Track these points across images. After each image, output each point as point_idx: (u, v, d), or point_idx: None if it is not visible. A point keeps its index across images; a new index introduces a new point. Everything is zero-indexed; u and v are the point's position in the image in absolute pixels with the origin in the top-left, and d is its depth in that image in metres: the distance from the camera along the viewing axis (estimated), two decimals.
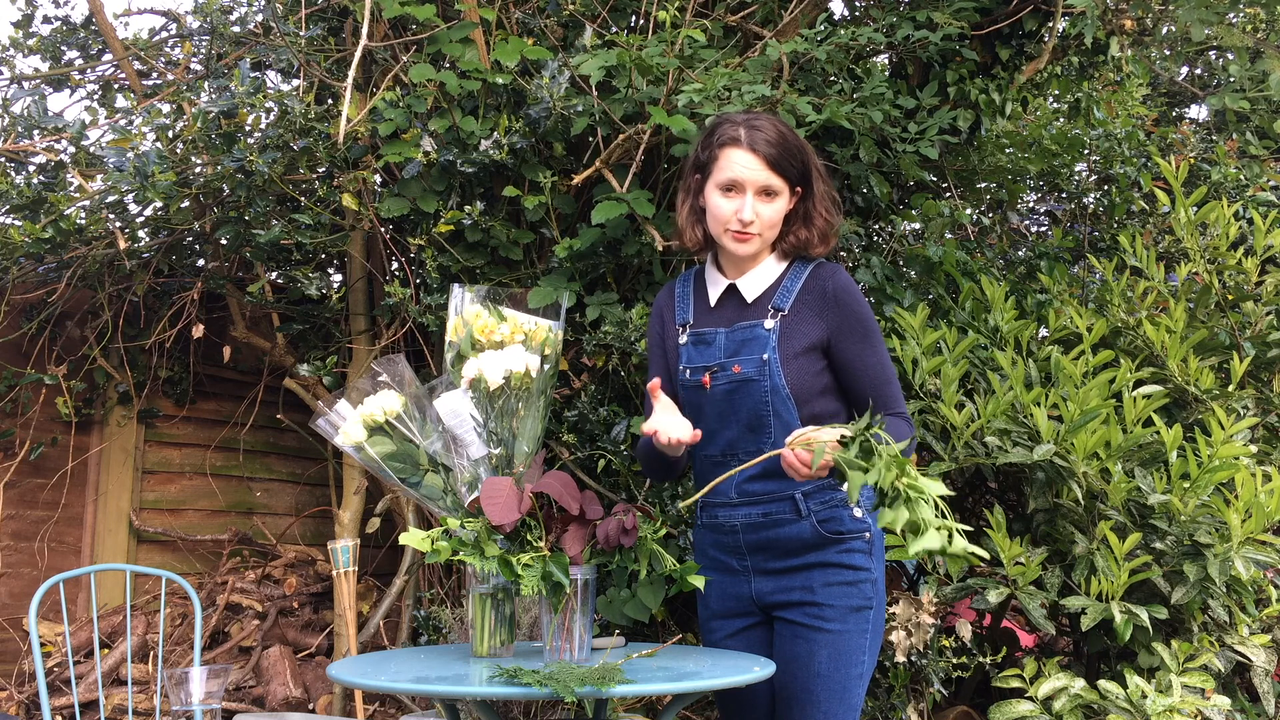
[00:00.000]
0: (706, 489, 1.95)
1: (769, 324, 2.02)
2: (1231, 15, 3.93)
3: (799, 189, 2.04)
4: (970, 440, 3.03)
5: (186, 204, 3.61)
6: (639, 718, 2.97)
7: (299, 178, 3.45)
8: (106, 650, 3.76)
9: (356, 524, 3.79)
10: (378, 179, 3.53)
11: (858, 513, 2.02)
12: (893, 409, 2.03)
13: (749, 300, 2.06)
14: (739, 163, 1.98)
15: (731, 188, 2.00)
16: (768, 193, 1.99)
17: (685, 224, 2.11)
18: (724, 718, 2.18)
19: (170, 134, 3.41)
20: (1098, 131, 4.62)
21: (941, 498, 1.70)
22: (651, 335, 2.20)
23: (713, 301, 2.10)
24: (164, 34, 4.24)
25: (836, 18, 3.95)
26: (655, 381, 2.00)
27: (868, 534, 2.03)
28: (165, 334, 4.05)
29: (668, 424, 1.93)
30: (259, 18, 3.98)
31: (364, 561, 4.22)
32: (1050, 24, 3.77)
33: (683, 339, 2.11)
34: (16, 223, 3.52)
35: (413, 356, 3.49)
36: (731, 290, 2.08)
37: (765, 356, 1.99)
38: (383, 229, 3.54)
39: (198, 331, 3.86)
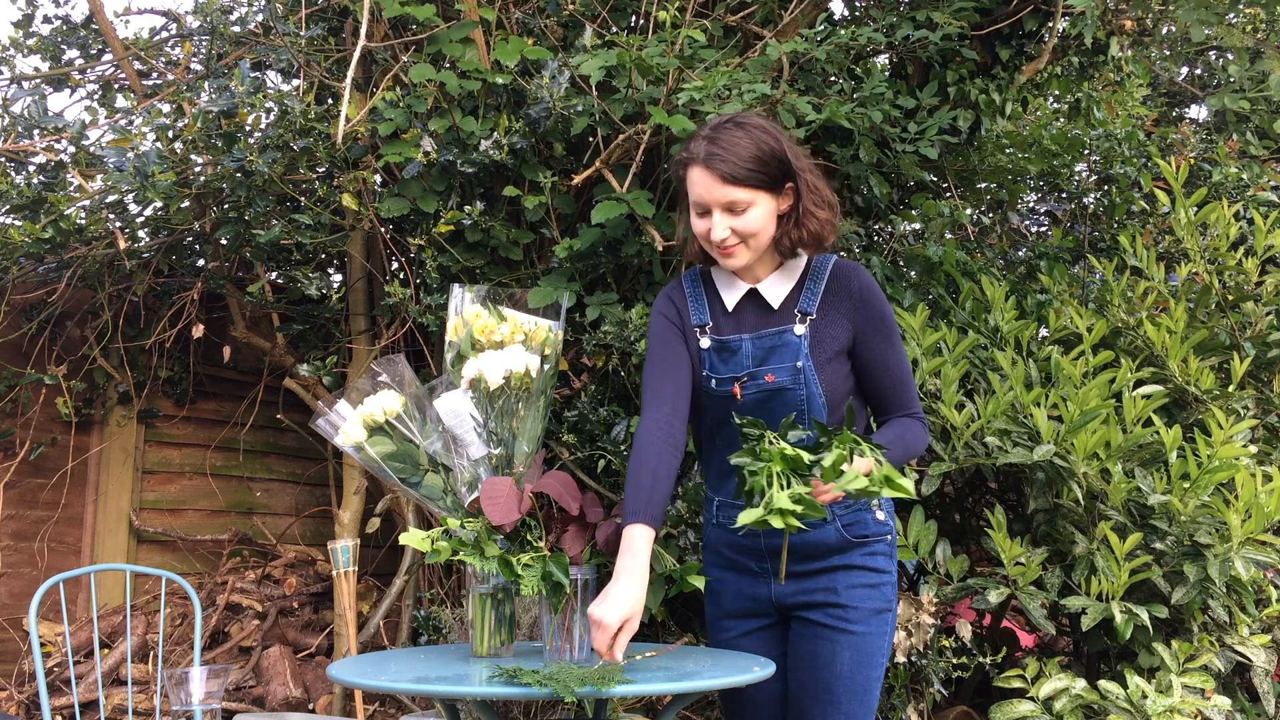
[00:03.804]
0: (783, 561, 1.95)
1: (799, 330, 1.98)
2: (1231, 15, 3.93)
3: (790, 187, 1.97)
4: (970, 440, 3.03)
5: (186, 204, 3.61)
6: (639, 718, 2.97)
7: (299, 178, 3.45)
8: (106, 650, 3.76)
9: (356, 524, 3.79)
10: (378, 179, 3.53)
11: (880, 515, 2.02)
12: (909, 409, 2.04)
13: (774, 306, 2.02)
14: (698, 183, 1.93)
15: (700, 208, 1.95)
16: (734, 208, 1.92)
17: (687, 238, 2.07)
18: (728, 718, 2.18)
19: (170, 134, 3.41)
20: (1098, 131, 4.62)
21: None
22: (667, 333, 2.06)
23: (730, 306, 2.05)
24: (164, 34, 4.25)
25: (836, 18, 3.95)
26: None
27: (889, 536, 2.04)
28: (165, 334, 4.05)
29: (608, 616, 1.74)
30: (259, 18, 3.98)
31: (364, 561, 4.22)
32: (1050, 24, 3.77)
33: (704, 343, 2.04)
34: (16, 223, 3.52)
35: (413, 356, 3.49)
36: (751, 294, 2.04)
37: (799, 364, 1.95)
38: (383, 229, 3.54)
39: (198, 331, 3.86)
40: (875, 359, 2.01)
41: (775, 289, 2.02)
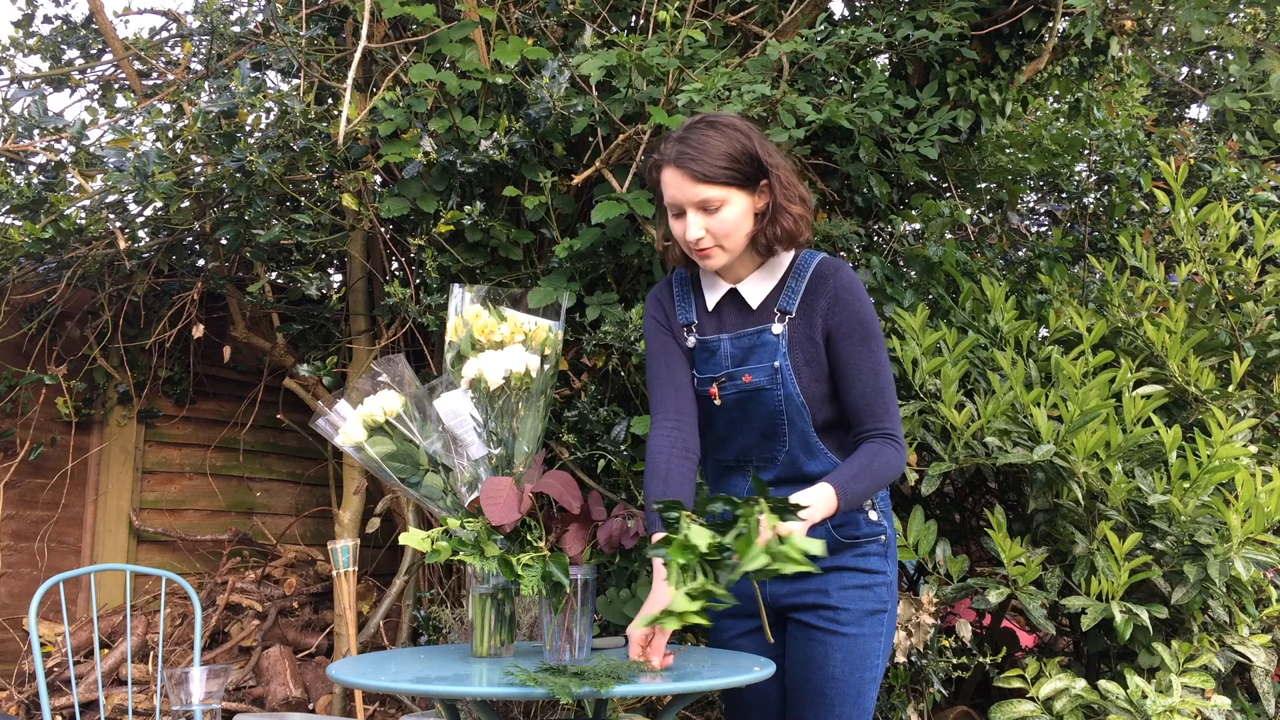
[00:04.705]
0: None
1: (777, 329, 1.96)
2: (1231, 15, 3.93)
3: (765, 184, 1.94)
4: (970, 440, 3.03)
5: (186, 204, 3.62)
6: (639, 718, 2.97)
7: (299, 178, 3.45)
8: (106, 650, 3.76)
9: (356, 524, 3.79)
10: (378, 179, 3.53)
11: (873, 516, 2.00)
12: (881, 425, 1.93)
13: (753, 306, 2.01)
14: (670, 183, 1.92)
15: (675, 209, 1.94)
16: (707, 207, 1.90)
17: (668, 244, 2.06)
18: (729, 718, 2.17)
19: (170, 134, 3.41)
20: (1098, 132, 4.62)
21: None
22: (659, 335, 2.08)
23: (710, 305, 2.04)
24: (164, 34, 4.25)
25: (836, 18, 3.95)
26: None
27: (883, 537, 2.01)
28: (165, 334, 4.05)
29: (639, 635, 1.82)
30: (259, 18, 3.98)
31: (364, 561, 4.22)
32: (1050, 24, 3.77)
33: (690, 342, 2.04)
34: (16, 223, 3.52)
35: (413, 356, 3.50)
36: (731, 294, 2.03)
37: (777, 364, 1.94)
38: (383, 229, 3.54)
39: (198, 331, 3.86)
40: (845, 361, 1.94)
41: (755, 288, 2.01)
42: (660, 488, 1.93)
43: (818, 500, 1.82)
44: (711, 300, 2.05)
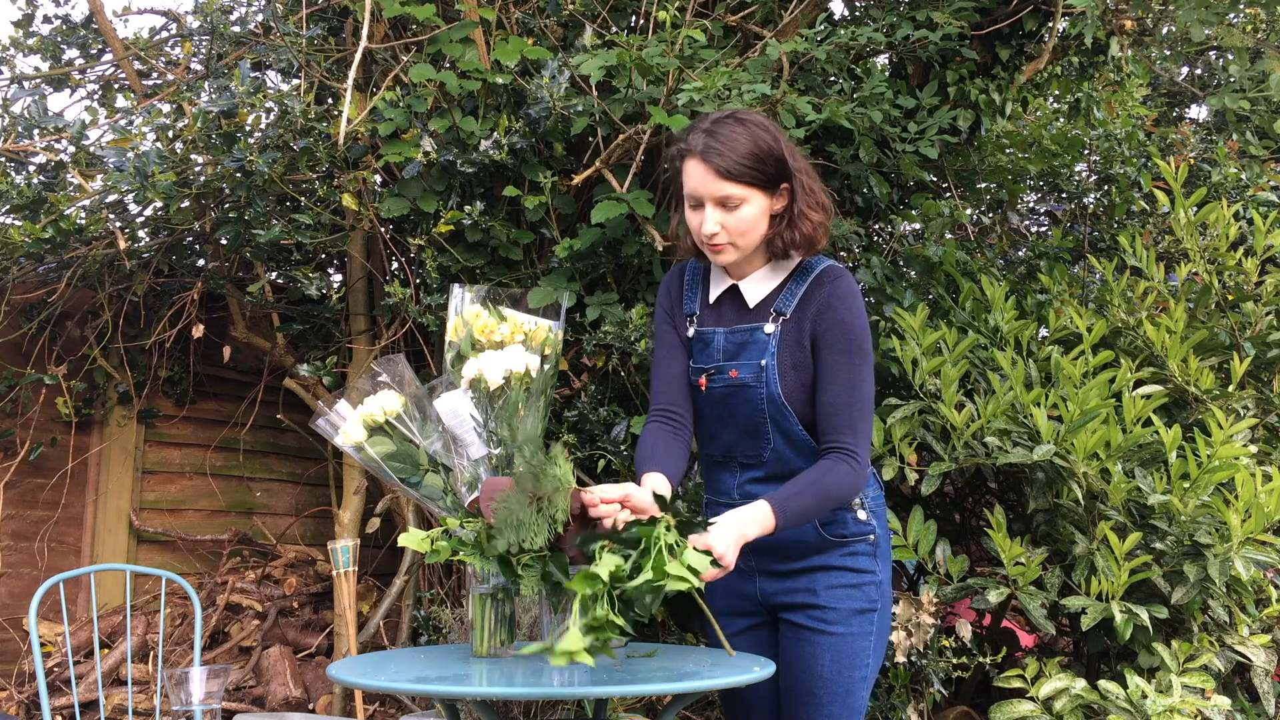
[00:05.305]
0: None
1: (769, 328, 1.97)
2: (1231, 15, 3.93)
3: (786, 187, 1.95)
4: (970, 440, 3.03)
5: (186, 204, 3.61)
6: (639, 718, 2.97)
7: (299, 178, 3.45)
8: (106, 650, 3.76)
9: (356, 524, 3.79)
10: (378, 179, 3.53)
11: (862, 515, 2.00)
12: (843, 440, 1.91)
13: (750, 304, 2.02)
14: (693, 175, 1.91)
15: (694, 200, 1.94)
16: (726, 204, 1.91)
17: (680, 233, 2.07)
18: (728, 718, 2.18)
19: (170, 134, 3.41)
20: (1098, 131, 4.62)
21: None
22: (662, 323, 2.11)
23: (712, 299, 2.06)
24: (164, 34, 4.25)
25: (836, 18, 3.95)
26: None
27: (872, 536, 2.01)
28: (165, 334, 4.05)
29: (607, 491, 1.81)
30: (259, 18, 3.98)
31: (364, 561, 4.22)
32: (1050, 24, 3.77)
33: (690, 332, 2.06)
34: (16, 223, 3.52)
35: (413, 356, 3.49)
36: (733, 290, 2.04)
37: (763, 363, 1.95)
38: (383, 229, 3.54)
39: (198, 331, 3.86)
40: (823, 368, 1.94)
41: (755, 287, 2.02)
42: (649, 453, 1.97)
43: (751, 518, 1.81)
44: (714, 293, 2.06)
